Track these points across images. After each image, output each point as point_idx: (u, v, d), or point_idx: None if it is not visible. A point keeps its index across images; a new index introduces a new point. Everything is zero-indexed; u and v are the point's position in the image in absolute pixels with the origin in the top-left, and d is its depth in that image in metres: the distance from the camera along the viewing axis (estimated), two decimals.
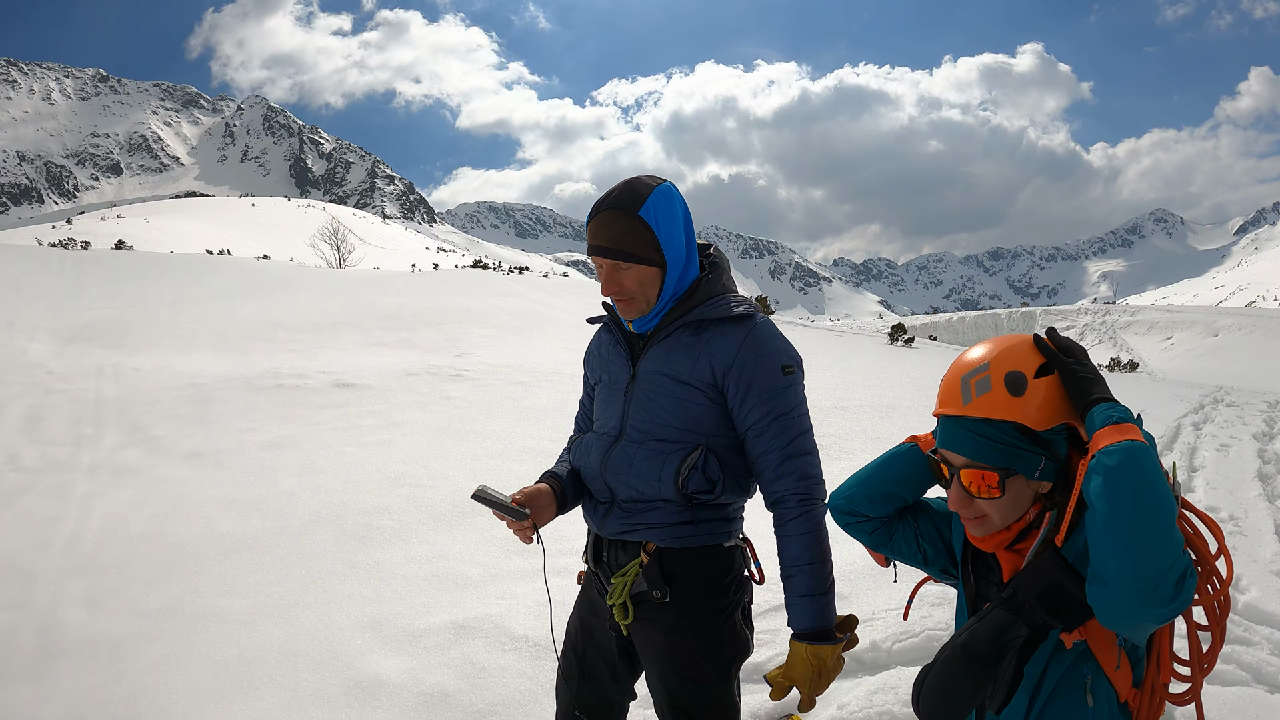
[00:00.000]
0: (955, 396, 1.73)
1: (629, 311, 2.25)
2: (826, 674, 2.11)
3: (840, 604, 4.60)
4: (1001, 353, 1.71)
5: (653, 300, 2.23)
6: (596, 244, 2.17)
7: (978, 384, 1.69)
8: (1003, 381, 1.67)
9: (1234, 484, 7.92)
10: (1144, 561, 1.41)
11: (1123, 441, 1.51)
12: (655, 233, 2.17)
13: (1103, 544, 1.47)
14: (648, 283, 2.21)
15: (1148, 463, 1.48)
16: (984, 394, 1.68)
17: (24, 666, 3.91)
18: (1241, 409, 13.93)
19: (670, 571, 2.21)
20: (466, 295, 22.62)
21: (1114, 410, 1.57)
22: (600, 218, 2.17)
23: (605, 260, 2.17)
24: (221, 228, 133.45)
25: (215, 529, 5.64)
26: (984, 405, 1.68)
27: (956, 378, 1.74)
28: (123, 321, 14.99)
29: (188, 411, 8.94)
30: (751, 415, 2.17)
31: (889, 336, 31.21)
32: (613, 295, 2.21)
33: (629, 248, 2.15)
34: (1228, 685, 3.90)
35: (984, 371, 1.69)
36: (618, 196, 2.18)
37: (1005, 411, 1.66)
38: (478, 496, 2.17)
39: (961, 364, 1.76)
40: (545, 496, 2.31)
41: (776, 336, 2.22)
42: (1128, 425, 1.54)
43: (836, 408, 10.75)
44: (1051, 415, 1.67)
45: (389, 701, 3.68)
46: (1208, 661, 1.74)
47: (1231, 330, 49.34)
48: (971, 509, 1.73)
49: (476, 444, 8.04)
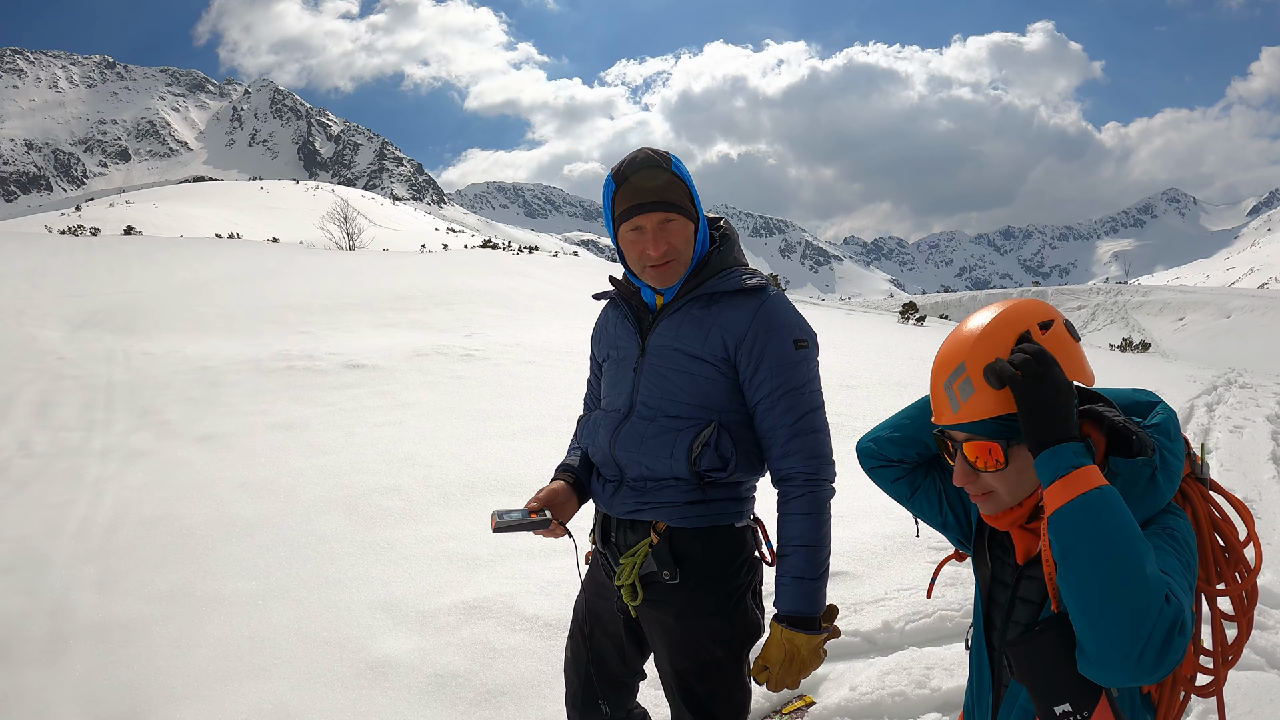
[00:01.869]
0: (944, 407, 1.64)
1: (670, 276, 2.17)
2: (800, 663, 2.06)
3: (851, 583, 4.59)
4: (974, 347, 1.61)
5: (688, 261, 2.19)
6: (645, 199, 2.10)
7: (960, 388, 1.60)
8: (983, 379, 1.57)
9: (1248, 466, 7.84)
10: (1120, 634, 1.29)
11: (1070, 502, 1.40)
12: (689, 187, 2.15)
13: (1074, 617, 1.36)
14: (689, 240, 2.16)
15: (1104, 520, 1.36)
16: (970, 397, 1.59)
17: (37, 650, 3.92)
18: (1255, 390, 13.80)
19: (680, 552, 2.16)
20: (476, 275, 22.61)
21: (1060, 460, 1.45)
22: (639, 175, 2.11)
23: (654, 216, 2.10)
24: (230, 211, 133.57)
25: (226, 511, 5.65)
26: (974, 409, 1.59)
27: (939, 387, 1.65)
28: (133, 306, 15.02)
29: (198, 395, 8.95)
30: (762, 389, 2.11)
31: (900, 315, 31.09)
32: (661, 255, 2.13)
33: (677, 200, 2.11)
34: (1242, 670, 3.84)
35: (962, 374, 1.60)
36: (647, 155, 2.14)
37: (997, 406, 1.57)
38: (500, 529, 2.11)
39: (938, 369, 1.67)
40: (563, 493, 2.28)
41: (790, 310, 2.17)
42: (1075, 475, 1.42)
43: (848, 386, 10.70)
44: None
45: (399, 682, 3.68)
46: (1232, 653, 1.67)
47: (1244, 311, 48.93)
48: (977, 484, 1.65)
49: (487, 423, 8.03)
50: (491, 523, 2.11)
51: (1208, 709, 3.35)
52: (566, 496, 2.28)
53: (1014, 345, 1.57)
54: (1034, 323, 1.60)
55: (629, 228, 2.13)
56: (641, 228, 2.12)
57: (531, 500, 2.22)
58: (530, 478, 6.28)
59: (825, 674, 3.76)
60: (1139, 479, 1.55)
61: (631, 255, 2.17)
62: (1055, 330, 1.62)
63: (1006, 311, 1.63)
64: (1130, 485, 1.55)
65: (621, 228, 2.14)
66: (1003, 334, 1.60)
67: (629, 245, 2.16)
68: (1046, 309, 1.64)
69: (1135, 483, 1.55)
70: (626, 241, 2.16)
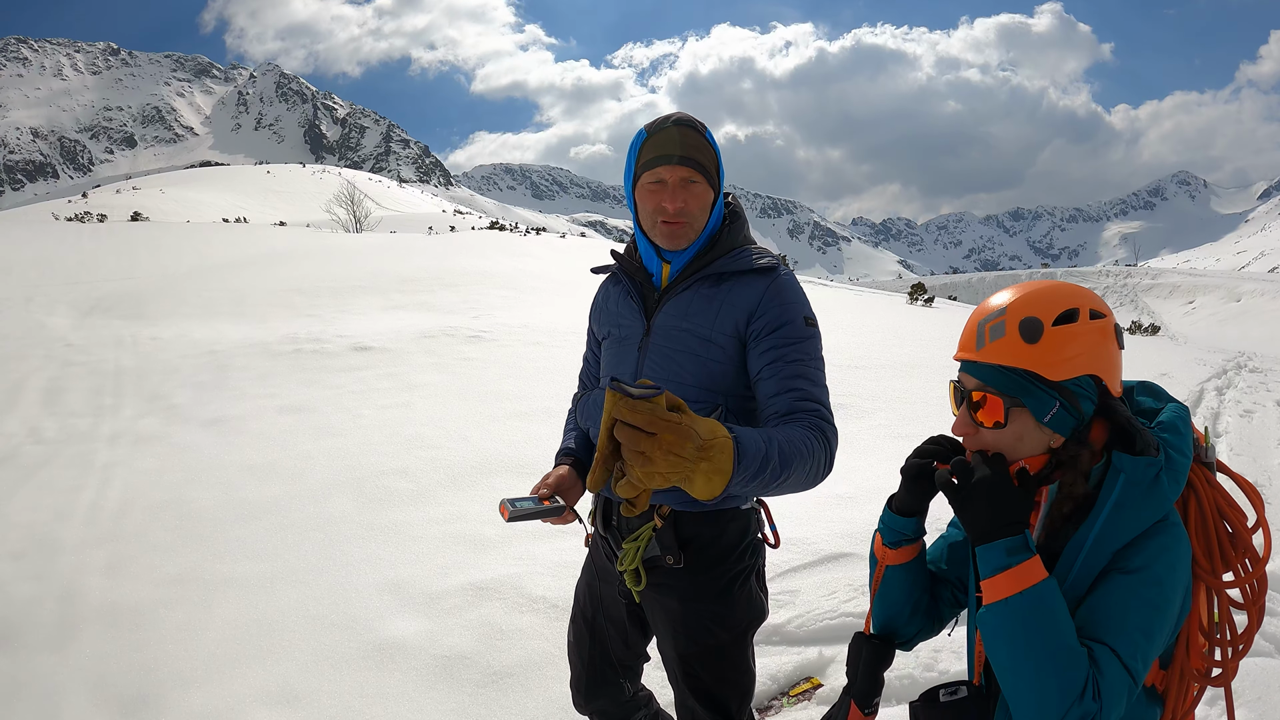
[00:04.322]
0: (971, 341, 1.67)
1: (679, 238, 2.12)
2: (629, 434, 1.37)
3: (859, 565, 4.58)
4: (1022, 298, 1.63)
5: (699, 231, 2.14)
6: (672, 152, 2.04)
7: (992, 329, 1.62)
8: (1017, 328, 1.59)
9: (1258, 450, 7.82)
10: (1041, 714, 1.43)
11: (994, 604, 1.49)
12: (718, 157, 2.11)
13: (1005, 693, 1.49)
14: (706, 208, 2.12)
15: (1027, 622, 1.45)
16: (997, 339, 1.61)
17: (46, 635, 3.94)
18: (1265, 375, 13.72)
19: (685, 536, 2.14)
20: (483, 257, 22.56)
21: (990, 559, 1.52)
22: (671, 129, 2.06)
23: (680, 171, 2.05)
24: (237, 196, 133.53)
25: (234, 494, 5.66)
26: (997, 351, 1.61)
27: (974, 323, 1.68)
28: (140, 292, 15.02)
29: (206, 379, 8.96)
30: (764, 358, 2.02)
31: (909, 296, 31.01)
32: (677, 211, 2.07)
33: (705, 162, 2.07)
34: (1250, 656, 3.84)
35: (1000, 317, 1.62)
36: (684, 115, 2.10)
37: (1017, 358, 1.58)
38: (515, 518, 2.01)
39: (982, 309, 1.69)
40: (570, 478, 2.25)
41: (799, 288, 2.14)
42: (1004, 576, 1.48)
43: (857, 366, 10.68)
44: (1071, 366, 1.59)
45: (407, 664, 3.70)
46: (1243, 643, 1.66)
47: (1254, 295, 48.60)
48: (976, 439, 1.66)
49: (495, 404, 8.02)
50: (504, 513, 2.00)
51: (1215, 695, 3.34)
52: (573, 481, 2.25)
53: (1059, 313, 1.60)
54: (1087, 306, 1.62)
55: (651, 178, 2.07)
56: (664, 180, 2.06)
57: (541, 488, 2.17)
58: (538, 458, 6.28)
59: (833, 656, 3.76)
60: (1143, 479, 1.55)
61: (646, 207, 2.11)
62: (1101, 324, 1.63)
63: (1069, 285, 1.66)
64: (1134, 485, 1.55)
65: (643, 177, 2.09)
66: (1055, 299, 1.62)
67: (646, 196, 2.10)
68: (1105, 307, 1.66)
69: (1139, 482, 1.55)
70: (645, 192, 2.10)
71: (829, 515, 5.18)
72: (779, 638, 3.94)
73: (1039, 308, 1.60)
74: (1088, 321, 1.60)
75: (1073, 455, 1.62)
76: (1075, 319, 1.60)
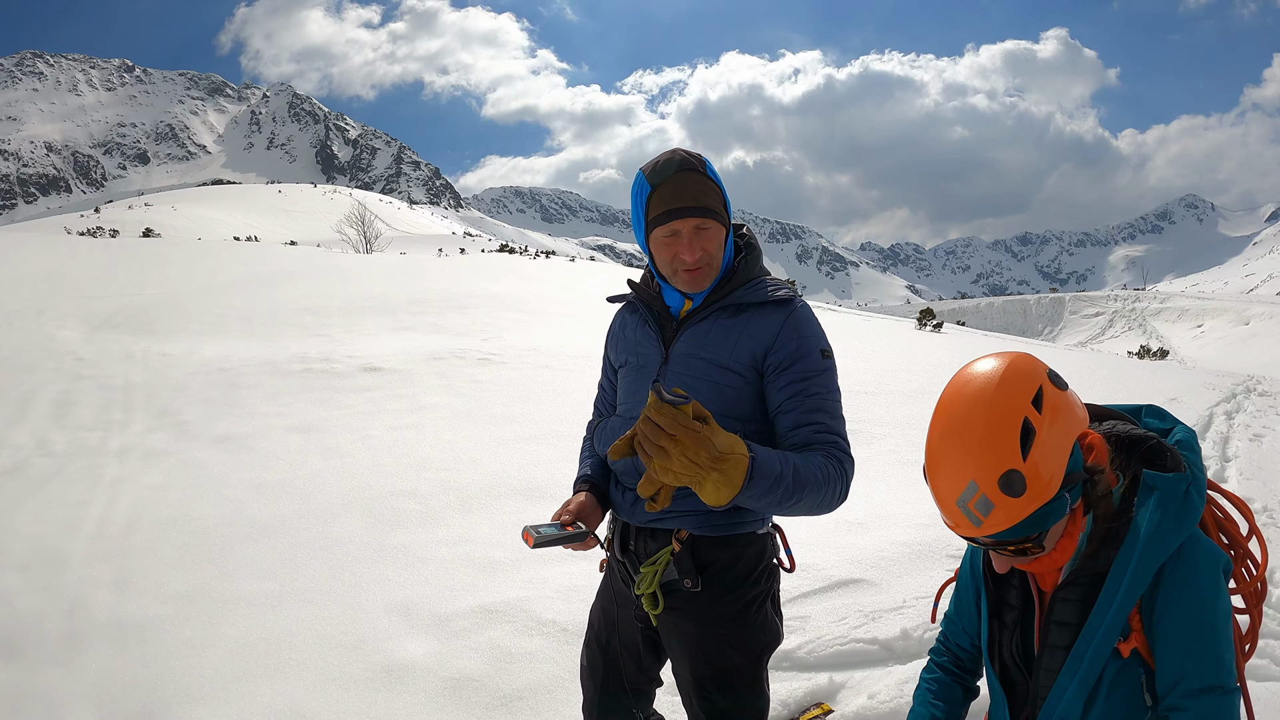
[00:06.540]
0: (964, 522, 1.60)
1: (702, 281, 2.14)
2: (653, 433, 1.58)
3: (870, 591, 4.56)
4: (973, 458, 1.56)
5: (719, 267, 2.16)
6: (684, 204, 2.05)
7: (978, 506, 1.56)
8: (1000, 492, 1.54)
9: (1268, 475, 7.75)
10: None
11: None
12: (722, 192, 2.12)
13: None
14: (721, 246, 2.13)
15: None
16: (991, 512, 1.56)
17: (53, 649, 3.92)
18: (1275, 398, 13.65)
19: (703, 559, 2.14)
20: (493, 279, 22.62)
21: None
22: (677, 178, 2.06)
23: (691, 221, 2.05)
24: (248, 214, 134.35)
25: (243, 512, 5.65)
26: (999, 521, 1.56)
27: (952, 505, 1.61)
28: (151, 308, 15.09)
29: (216, 396, 8.97)
30: (784, 393, 2.05)
31: (917, 321, 31.00)
32: (697, 260, 2.08)
33: (713, 205, 2.08)
34: (1261, 681, 3.80)
35: (976, 493, 1.56)
36: (683, 158, 2.09)
37: (1018, 513, 1.55)
38: (540, 544, 2.00)
39: (942, 482, 1.61)
40: (590, 504, 2.25)
41: (815, 320, 2.16)
42: None
43: (867, 392, 10.67)
44: (1059, 468, 1.56)
45: (415, 686, 3.67)
46: (1249, 643, 1.73)
47: (1263, 319, 48.55)
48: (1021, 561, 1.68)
49: (504, 427, 8.01)
50: (528, 540, 1.99)
51: None
52: (593, 508, 2.25)
53: (1018, 442, 1.53)
54: (1025, 405, 1.55)
55: (665, 232, 2.08)
56: (678, 232, 2.08)
57: (564, 514, 2.17)
58: (547, 482, 6.27)
59: (844, 682, 3.73)
60: (1175, 494, 1.58)
61: (663, 259, 2.13)
62: (1048, 398, 1.58)
63: (987, 392, 1.58)
64: (1168, 500, 1.57)
65: (656, 231, 2.10)
66: (1003, 438, 1.55)
67: (662, 248, 2.11)
68: (1025, 381, 1.58)
69: (1173, 497, 1.57)
70: (659, 244, 2.11)
71: (839, 541, 5.15)
72: (789, 663, 3.91)
73: (1001, 456, 1.54)
74: (1039, 418, 1.56)
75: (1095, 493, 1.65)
76: (1034, 434, 1.55)
